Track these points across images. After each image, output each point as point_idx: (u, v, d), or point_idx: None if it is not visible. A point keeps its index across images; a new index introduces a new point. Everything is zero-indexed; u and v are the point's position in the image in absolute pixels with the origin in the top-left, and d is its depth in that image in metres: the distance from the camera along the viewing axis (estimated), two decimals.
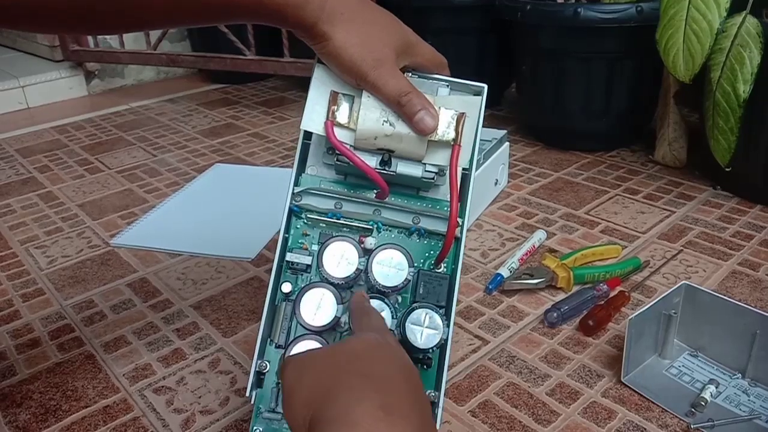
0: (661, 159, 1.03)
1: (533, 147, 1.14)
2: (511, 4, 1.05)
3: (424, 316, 0.44)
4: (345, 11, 0.45)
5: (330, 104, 0.46)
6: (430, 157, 0.47)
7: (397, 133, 0.46)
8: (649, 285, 0.71)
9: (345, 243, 0.47)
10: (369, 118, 0.46)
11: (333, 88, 0.47)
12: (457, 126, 0.46)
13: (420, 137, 0.46)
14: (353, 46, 0.45)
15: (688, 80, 0.84)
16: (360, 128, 0.46)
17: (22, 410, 0.57)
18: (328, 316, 0.46)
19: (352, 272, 0.47)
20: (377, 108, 0.46)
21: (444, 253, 0.47)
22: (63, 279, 0.78)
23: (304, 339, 0.46)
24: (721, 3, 0.79)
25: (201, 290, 0.74)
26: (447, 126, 0.46)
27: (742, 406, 0.53)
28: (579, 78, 1.03)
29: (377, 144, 0.46)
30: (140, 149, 1.22)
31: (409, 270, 0.46)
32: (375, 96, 0.46)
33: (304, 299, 0.47)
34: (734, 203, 0.89)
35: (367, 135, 0.46)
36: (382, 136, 0.46)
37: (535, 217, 0.88)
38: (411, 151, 0.47)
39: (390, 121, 0.46)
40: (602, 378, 0.58)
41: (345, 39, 0.45)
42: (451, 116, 0.47)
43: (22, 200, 1.02)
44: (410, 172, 0.47)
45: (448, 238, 0.46)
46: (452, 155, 0.46)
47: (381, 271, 0.46)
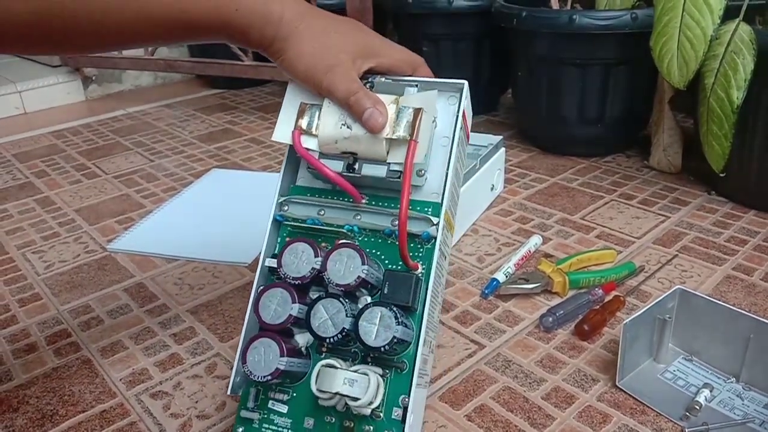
0: (656, 164, 1.03)
1: (529, 152, 1.14)
2: (507, 10, 1.06)
3: (378, 315, 0.44)
4: (299, 24, 0.47)
5: (298, 115, 0.49)
6: (393, 156, 0.48)
7: (354, 135, 0.47)
8: (644, 290, 0.72)
9: (302, 243, 0.47)
10: (328, 123, 0.48)
11: (303, 100, 0.49)
12: (414, 122, 0.47)
13: (377, 137, 0.47)
14: (306, 55, 0.47)
15: (682, 86, 0.85)
16: (321, 134, 0.48)
17: (19, 415, 0.57)
18: (283, 315, 0.46)
19: (308, 272, 0.47)
20: (336, 113, 0.48)
21: (402, 250, 0.46)
22: (60, 284, 0.78)
23: (260, 338, 0.46)
24: (715, 10, 0.80)
25: (198, 295, 0.74)
26: (404, 125, 0.47)
27: (736, 410, 0.54)
28: (574, 84, 1.04)
29: (339, 147, 0.48)
30: (137, 154, 1.22)
31: (362, 268, 0.45)
32: (333, 101, 0.48)
33: (263, 299, 0.47)
34: (728, 208, 0.90)
35: (328, 140, 0.48)
36: (341, 139, 0.48)
37: (531, 222, 0.88)
38: (372, 152, 0.48)
39: (347, 124, 0.48)
40: (597, 382, 0.58)
41: (299, 50, 0.47)
42: (409, 116, 0.47)
43: (19, 205, 1.02)
44: (374, 173, 0.48)
45: (401, 234, 0.46)
46: (407, 151, 0.47)
47: (335, 267, 0.46)
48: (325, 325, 0.45)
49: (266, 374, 0.44)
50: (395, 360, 0.46)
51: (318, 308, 0.45)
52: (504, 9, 1.07)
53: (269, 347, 0.45)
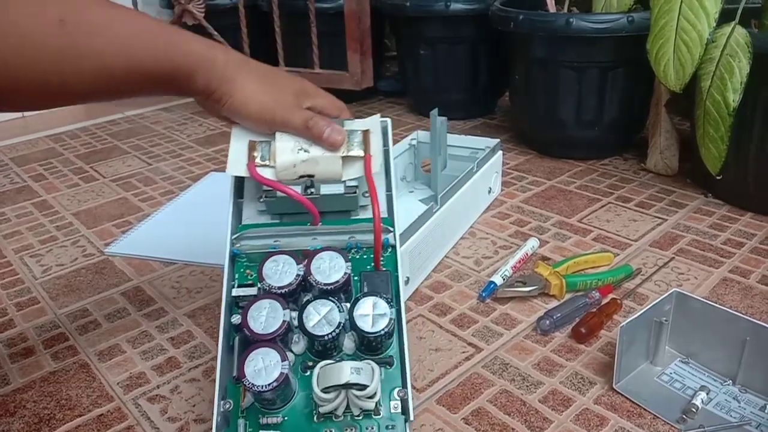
0: (653, 167, 1.04)
1: (526, 155, 1.15)
2: (504, 13, 1.06)
3: (371, 303, 0.45)
4: (242, 69, 0.52)
5: (249, 151, 0.52)
6: (347, 173, 0.52)
7: (312, 157, 0.51)
8: (640, 292, 0.72)
9: (283, 255, 0.48)
10: (285, 149, 0.51)
11: (250, 138, 0.53)
12: (365, 140, 0.52)
13: (334, 156, 0.51)
14: (257, 94, 0.52)
15: (678, 89, 0.85)
16: (278, 161, 0.51)
17: (16, 419, 0.57)
18: (277, 322, 0.45)
19: (293, 278, 0.47)
20: (291, 139, 0.52)
21: (377, 251, 0.49)
22: (57, 288, 0.78)
23: (255, 348, 0.44)
24: (711, 13, 0.80)
25: (195, 299, 0.74)
26: (356, 144, 0.52)
27: (732, 413, 0.54)
28: (571, 87, 1.04)
29: (297, 171, 0.51)
30: (135, 158, 1.22)
31: (347, 264, 0.47)
32: (287, 131, 0.52)
33: (250, 313, 0.46)
34: (725, 211, 0.90)
35: (286, 165, 0.51)
36: (299, 163, 0.51)
37: (528, 224, 0.89)
38: (329, 171, 0.51)
39: (304, 148, 0.51)
40: (594, 385, 0.58)
41: (248, 91, 0.51)
42: (358, 135, 0.53)
43: (17, 209, 1.02)
44: (333, 191, 0.52)
45: (376, 234, 0.48)
46: (365, 164, 0.51)
47: (319, 269, 0.47)
48: (320, 324, 0.45)
49: (271, 381, 0.42)
50: (383, 356, 0.47)
51: (309, 310, 0.46)
52: (501, 12, 1.07)
53: (267, 355, 0.44)
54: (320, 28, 1.27)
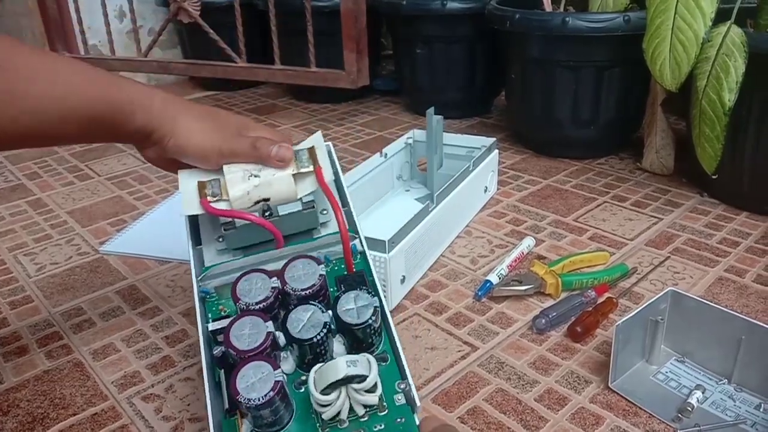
0: (649, 166, 1.04)
1: (522, 154, 1.15)
2: (500, 12, 1.06)
3: (352, 297, 0.45)
4: (181, 110, 0.53)
5: (200, 190, 0.52)
6: (302, 189, 0.52)
7: (264, 181, 0.51)
8: (636, 291, 0.72)
9: (255, 273, 0.48)
10: (235, 179, 0.52)
11: (198, 179, 0.53)
12: (311, 156, 0.53)
13: (285, 175, 0.52)
14: (198, 131, 0.52)
15: (674, 89, 0.85)
16: (231, 192, 0.51)
17: (9, 419, 0.57)
18: (261, 336, 0.44)
19: (269, 292, 0.47)
20: (239, 169, 0.52)
21: (346, 251, 0.49)
22: (52, 286, 0.78)
23: (244, 365, 0.42)
24: (707, 13, 0.80)
25: (190, 297, 0.74)
26: (305, 160, 0.53)
27: (728, 412, 0.54)
28: (567, 86, 1.04)
29: (252, 198, 0.51)
30: (130, 156, 1.22)
31: (320, 266, 0.47)
32: (234, 163, 0.52)
33: (232, 333, 0.44)
34: (721, 210, 0.90)
35: (239, 194, 0.51)
36: (253, 189, 0.51)
37: (524, 224, 0.89)
38: (283, 191, 0.52)
39: (254, 174, 0.52)
40: (590, 384, 0.58)
41: (189, 130, 0.52)
42: (305, 153, 0.53)
43: (11, 207, 1.01)
44: (291, 209, 0.52)
45: (343, 237, 0.49)
46: (317, 176, 0.52)
47: (294, 277, 0.47)
48: (305, 329, 0.44)
49: (267, 391, 0.40)
50: (376, 353, 0.46)
51: (292, 318, 0.45)
52: (497, 11, 1.07)
53: (259, 368, 0.41)
54: (316, 27, 1.27)
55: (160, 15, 1.72)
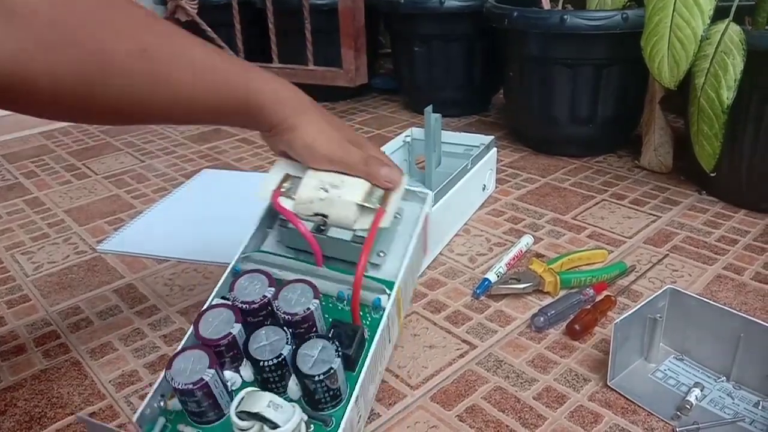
0: (647, 164, 1.04)
1: (521, 152, 1.14)
2: (498, 10, 1.06)
3: (319, 347, 0.44)
4: (308, 108, 0.54)
5: (282, 181, 0.54)
6: (360, 223, 0.52)
7: (329, 197, 0.52)
8: (635, 289, 0.72)
9: (260, 275, 0.49)
10: (308, 185, 0.53)
11: (289, 172, 0.55)
12: (385, 196, 0.53)
13: (350, 203, 0.52)
14: (321, 131, 0.54)
15: (673, 86, 0.85)
16: (299, 194, 0.53)
17: (6, 418, 0.57)
18: (223, 332, 0.45)
19: (258, 297, 0.47)
20: (316, 179, 0.53)
21: (354, 303, 0.48)
22: (49, 285, 0.77)
23: (192, 349, 0.44)
24: (705, 10, 0.80)
25: (188, 296, 0.74)
26: (376, 198, 0.53)
27: (726, 409, 0.54)
28: (566, 84, 1.04)
29: (313, 208, 0.52)
30: (128, 155, 1.22)
31: (314, 301, 0.46)
32: (320, 172, 0.54)
33: (205, 317, 0.46)
34: (719, 208, 0.90)
35: (304, 200, 0.53)
36: (317, 200, 0.52)
37: (523, 222, 0.88)
38: (342, 215, 0.51)
39: (326, 188, 0.52)
40: (588, 382, 0.58)
41: (313, 127, 0.53)
42: (381, 191, 0.54)
43: (8, 206, 1.01)
44: (340, 236, 0.52)
45: (355, 285, 0.48)
46: (375, 217, 0.52)
47: (286, 298, 0.47)
48: (262, 349, 0.44)
49: (188, 382, 0.41)
50: (324, 412, 0.45)
51: (259, 333, 0.45)
52: (495, 9, 1.07)
53: (200, 359, 0.43)
54: (314, 25, 1.27)
55: (157, 13, 1.71)
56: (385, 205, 0.52)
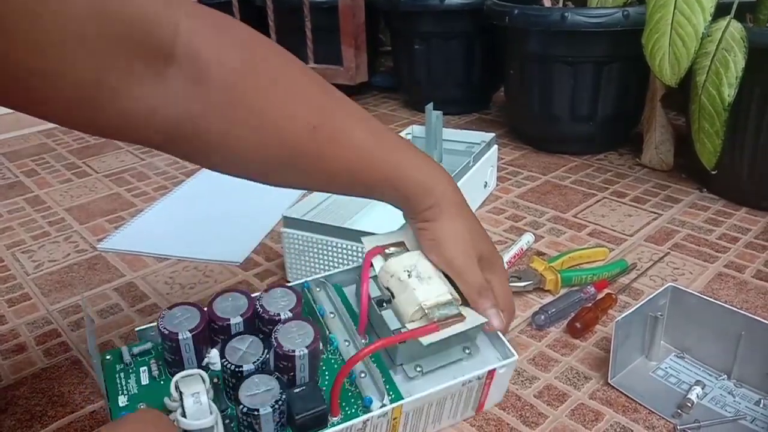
0: (648, 162, 1.04)
1: (521, 150, 1.14)
2: (498, 8, 1.06)
3: (263, 385, 0.43)
4: (452, 209, 0.52)
5: (391, 243, 0.54)
6: (414, 323, 0.49)
7: (406, 283, 0.50)
8: (636, 287, 0.72)
9: (290, 293, 0.50)
10: (402, 260, 0.52)
11: (406, 242, 0.54)
12: (451, 319, 0.48)
13: (414, 301, 0.49)
14: (452, 235, 0.51)
15: (674, 84, 0.85)
16: (389, 262, 0.52)
17: (7, 416, 0.57)
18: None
19: (275, 312, 0.48)
20: (410, 260, 0.52)
21: (335, 386, 0.45)
22: (50, 284, 0.77)
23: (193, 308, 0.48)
24: (706, 7, 0.80)
25: (189, 294, 0.74)
26: (444, 313, 0.48)
27: (727, 407, 0.54)
28: (566, 82, 1.04)
29: (388, 281, 0.51)
30: (128, 153, 1.22)
31: (303, 349, 0.45)
32: (424, 258, 0.52)
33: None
34: (720, 206, 0.90)
35: (388, 270, 0.52)
36: (396, 278, 0.51)
37: (523, 220, 0.88)
38: (403, 305, 0.49)
39: (410, 272, 0.51)
40: (589, 380, 0.58)
41: (445, 226, 0.51)
42: (454, 310, 0.49)
43: (9, 205, 1.01)
44: (390, 320, 0.50)
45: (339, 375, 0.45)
46: (423, 326, 0.47)
47: (289, 329, 0.46)
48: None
49: (172, 330, 0.45)
50: None
51: (233, 344, 0.46)
52: (496, 7, 1.07)
53: (188, 312, 0.47)
54: (314, 23, 1.27)
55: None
56: (443, 325, 0.48)
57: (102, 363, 0.48)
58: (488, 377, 0.50)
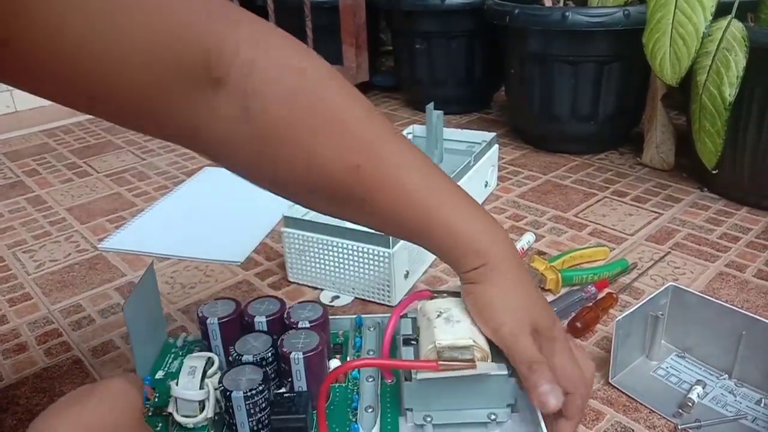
0: (649, 161, 1.04)
1: (522, 150, 1.14)
2: (499, 7, 1.06)
3: (246, 374, 0.45)
4: (507, 273, 0.46)
5: (445, 292, 0.51)
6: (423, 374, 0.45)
7: (431, 321, 0.47)
8: (636, 287, 0.72)
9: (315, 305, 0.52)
10: (438, 302, 0.49)
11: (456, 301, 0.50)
12: (454, 362, 0.43)
13: (431, 338, 0.45)
14: (501, 301, 0.46)
15: (674, 83, 0.85)
16: (426, 303, 0.50)
17: (8, 416, 0.57)
18: None
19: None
20: (447, 304, 0.49)
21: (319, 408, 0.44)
22: (51, 283, 0.78)
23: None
24: (707, 7, 0.80)
25: (189, 294, 0.74)
26: (465, 355, 0.44)
27: (728, 407, 0.54)
28: (567, 81, 1.04)
29: (420, 321, 0.49)
30: (129, 153, 1.22)
31: (300, 354, 0.46)
32: (462, 311, 0.48)
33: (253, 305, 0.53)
34: (721, 205, 0.90)
35: (424, 310, 0.49)
36: (425, 318, 0.48)
37: (524, 219, 0.88)
38: (421, 343, 0.47)
39: (441, 313, 0.47)
40: None
41: (496, 292, 0.46)
42: (476, 353, 0.45)
43: (10, 204, 1.01)
44: (408, 361, 0.46)
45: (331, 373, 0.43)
46: (424, 360, 0.45)
47: (295, 335, 0.48)
48: (245, 344, 0.48)
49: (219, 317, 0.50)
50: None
51: (259, 336, 0.49)
52: (496, 6, 1.07)
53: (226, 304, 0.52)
54: (315, 22, 1.27)
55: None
56: (445, 366, 0.43)
57: (163, 344, 0.56)
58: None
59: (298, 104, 0.42)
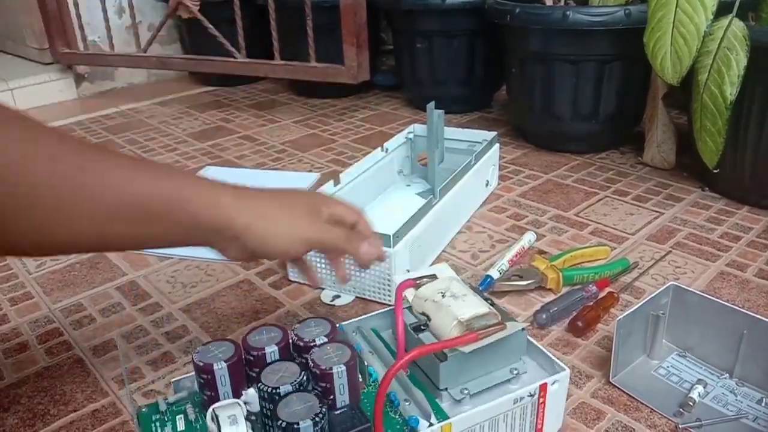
0: (650, 161, 1.04)
1: (523, 149, 1.14)
2: (500, 7, 1.06)
3: (303, 403, 0.42)
4: (247, 202, 0.48)
5: (425, 277, 0.53)
6: None
7: (440, 303, 0.49)
8: (637, 286, 0.72)
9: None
10: (432, 285, 0.51)
11: (434, 273, 0.54)
12: (488, 329, 0.47)
13: (451, 317, 0.47)
14: (275, 222, 0.48)
15: (675, 82, 0.85)
16: (421, 289, 0.52)
17: (10, 415, 0.57)
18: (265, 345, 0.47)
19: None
20: (442, 284, 0.51)
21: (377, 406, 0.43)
22: (52, 283, 0.78)
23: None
24: (708, 6, 0.80)
25: (190, 293, 0.74)
26: (482, 324, 0.47)
27: (729, 406, 0.54)
28: (568, 80, 1.03)
29: (423, 306, 0.50)
30: (130, 152, 1.22)
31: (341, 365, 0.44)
32: (454, 281, 0.51)
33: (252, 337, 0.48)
34: (722, 205, 0.90)
35: (421, 296, 0.51)
36: (430, 301, 0.50)
37: (525, 218, 0.88)
38: (440, 324, 0.48)
39: (443, 293, 0.50)
40: (591, 378, 0.58)
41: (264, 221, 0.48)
42: (492, 319, 0.48)
43: None
44: (451, 340, 0.46)
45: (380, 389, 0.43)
46: (462, 336, 0.46)
47: (320, 352, 0.45)
48: (271, 376, 0.44)
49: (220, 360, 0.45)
50: None
51: (273, 369, 0.45)
52: (497, 5, 1.07)
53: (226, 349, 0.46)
54: (316, 22, 1.27)
55: (159, 10, 1.71)
56: (482, 334, 0.46)
57: (138, 416, 0.47)
58: (541, 395, 0.48)
59: None
